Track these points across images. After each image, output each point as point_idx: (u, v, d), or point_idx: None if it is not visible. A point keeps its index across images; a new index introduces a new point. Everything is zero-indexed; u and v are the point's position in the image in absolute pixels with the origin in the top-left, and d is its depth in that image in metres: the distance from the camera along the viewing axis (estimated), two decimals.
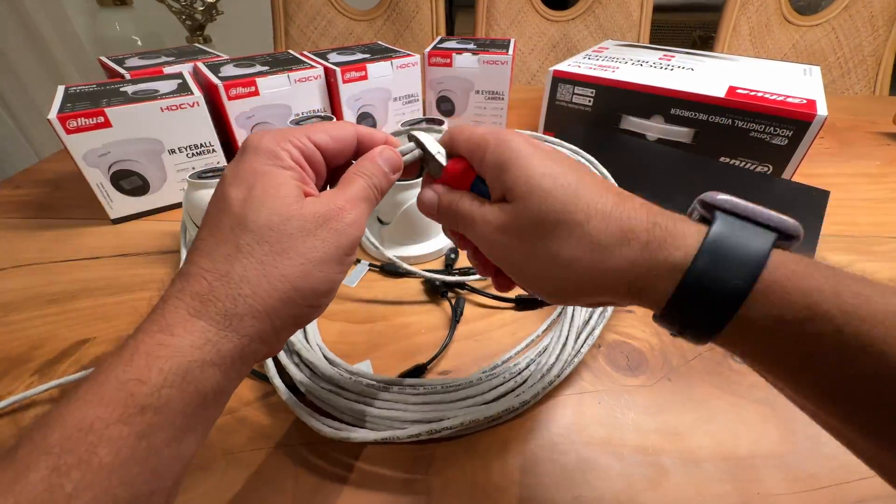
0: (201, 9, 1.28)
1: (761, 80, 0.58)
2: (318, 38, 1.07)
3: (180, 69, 0.58)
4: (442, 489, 0.25)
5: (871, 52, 0.97)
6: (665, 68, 0.64)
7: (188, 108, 0.48)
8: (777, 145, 0.51)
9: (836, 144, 0.67)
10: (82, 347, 0.34)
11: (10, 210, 0.52)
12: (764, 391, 0.30)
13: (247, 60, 0.61)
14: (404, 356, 0.33)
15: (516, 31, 1.06)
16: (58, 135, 0.43)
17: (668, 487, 0.25)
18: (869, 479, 0.25)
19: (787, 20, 0.99)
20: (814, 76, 0.61)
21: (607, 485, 0.25)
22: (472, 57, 0.65)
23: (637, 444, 0.27)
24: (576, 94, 0.63)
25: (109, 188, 0.47)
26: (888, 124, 0.73)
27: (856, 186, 0.56)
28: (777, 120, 0.50)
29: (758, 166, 0.53)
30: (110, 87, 0.50)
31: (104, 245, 0.46)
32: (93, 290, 0.40)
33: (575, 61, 0.68)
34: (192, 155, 0.50)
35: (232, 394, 0.17)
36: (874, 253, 0.43)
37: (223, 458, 0.27)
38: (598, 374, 0.32)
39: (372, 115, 0.65)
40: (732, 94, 0.53)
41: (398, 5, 1.05)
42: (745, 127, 0.52)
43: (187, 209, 0.41)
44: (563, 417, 0.29)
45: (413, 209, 0.40)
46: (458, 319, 0.36)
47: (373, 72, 0.61)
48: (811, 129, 0.49)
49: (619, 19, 1.03)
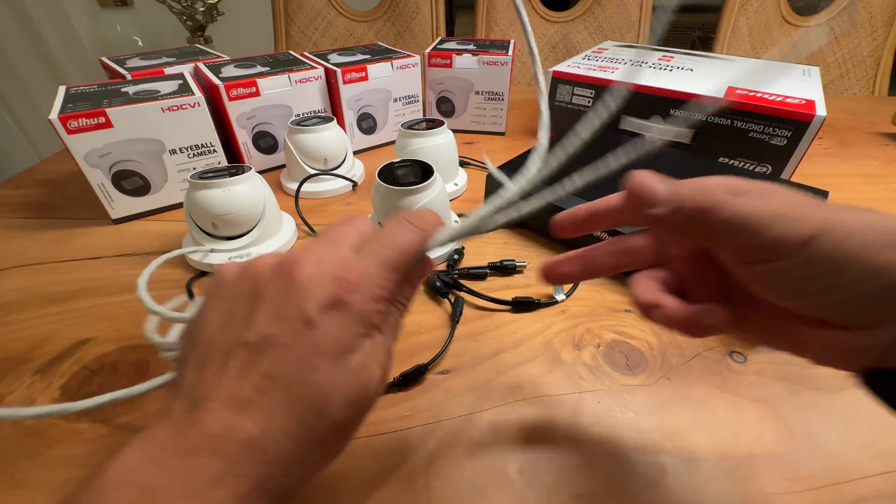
0: (202, 9, 1.28)
1: (761, 80, 0.58)
2: (319, 39, 1.07)
3: (181, 70, 0.58)
4: (442, 489, 0.25)
5: (870, 53, 0.97)
6: (664, 69, 0.64)
7: (189, 109, 0.48)
8: (776, 146, 0.51)
9: (835, 145, 0.67)
10: (83, 347, 0.34)
11: (12, 210, 0.52)
12: (763, 390, 0.30)
13: (247, 61, 0.61)
14: (404, 356, 0.33)
15: (516, 32, 1.06)
16: (59, 135, 0.43)
17: (668, 487, 0.25)
18: (868, 478, 0.25)
19: (786, 21, 0.99)
20: (813, 76, 0.62)
21: (607, 484, 0.25)
22: (472, 58, 0.66)
23: (636, 443, 0.27)
24: (575, 95, 0.63)
25: (110, 188, 0.47)
26: (887, 124, 0.73)
27: (854, 187, 0.56)
28: (776, 120, 0.50)
29: (757, 167, 0.53)
30: (111, 87, 0.50)
31: (105, 245, 0.46)
32: (94, 290, 0.40)
33: (574, 62, 0.68)
34: (193, 155, 0.50)
35: None
36: None
37: None
38: (597, 374, 0.32)
39: (372, 115, 0.65)
40: (731, 94, 0.53)
41: (398, 6, 1.05)
42: (744, 127, 0.52)
43: (188, 209, 0.41)
44: (562, 417, 0.29)
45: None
46: (457, 319, 0.36)
47: (373, 72, 0.62)
48: (810, 130, 0.49)
49: (619, 20, 1.03)
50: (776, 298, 0.16)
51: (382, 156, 0.66)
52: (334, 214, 0.51)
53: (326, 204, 0.53)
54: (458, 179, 0.56)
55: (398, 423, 0.29)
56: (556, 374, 0.32)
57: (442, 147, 0.51)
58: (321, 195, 0.54)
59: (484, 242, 0.46)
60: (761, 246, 0.15)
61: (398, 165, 0.42)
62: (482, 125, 0.71)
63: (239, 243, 0.42)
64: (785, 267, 0.15)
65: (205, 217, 0.40)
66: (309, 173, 0.53)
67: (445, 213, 0.43)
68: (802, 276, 0.15)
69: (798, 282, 0.15)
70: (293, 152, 0.53)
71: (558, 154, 0.21)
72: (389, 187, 0.39)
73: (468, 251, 0.44)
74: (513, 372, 0.32)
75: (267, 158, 0.60)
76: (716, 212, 0.16)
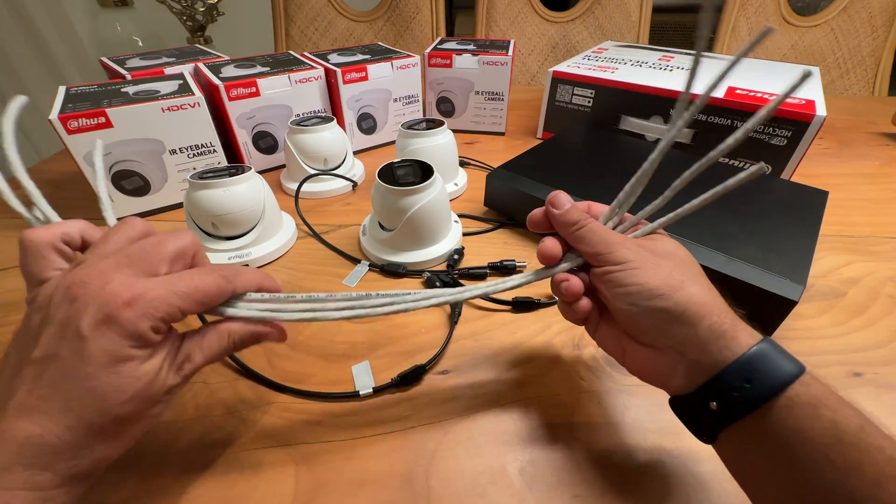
0: (202, 10, 1.28)
1: (760, 80, 0.58)
2: (319, 39, 1.07)
3: (181, 70, 0.58)
4: (442, 489, 0.25)
5: (870, 53, 0.97)
6: (664, 69, 0.64)
7: (189, 109, 0.48)
8: (776, 145, 0.51)
9: (835, 145, 0.67)
10: None
11: (12, 210, 0.52)
12: None
13: (247, 61, 0.61)
14: (404, 356, 0.33)
15: (516, 32, 1.06)
16: (59, 135, 0.43)
17: (668, 487, 0.25)
18: None
19: (786, 21, 0.99)
20: (813, 77, 0.62)
21: (607, 484, 0.25)
22: (472, 58, 0.66)
23: (637, 443, 0.27)
24: (575, 95, 0.63)
25: (111, 188, 0.47)
26: (887, 125, 0.73)
27: (854, 186, 0.56)
28: (776, 120, 0.50)
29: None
30: (111, 87, 0.50)
31: None
32: None
33: (574, 62, 0.68)
34: (192, 155, 0.50)
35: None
36: (873, 253, 0.43)
37: (223, 457, 0.27)
38: (597, 374, 0.32)
39: (372, 115, 0.65)
40: (731, 94, 0.53)
41: (398, 6, 1.05)
42: None
43: (188, 209, 0.41)
44: (562, 417, 0.29)
45: (416, 215, 0.39)
46: (456, 320, 0.36)
47: (373, 73, 0.62)
48: (810, 130, 0.49)
49: (619, 20, 1.03)
50: (605, 298, 0.24)
51: (382, 156, 0.66)
52: (334, 214, 0.51)
53: (326, 204, 0.53)
54: (458, 179, 0.56)
55: (398, 423, 0.29)
56: (556, 374, 0.32)
57: (442, 147, 0.51)
58: (321, 195, 0.54)
59: (484, 242, 0.46)
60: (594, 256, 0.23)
61: (398, 165, 0.42)
62: (482, 125, 0.71)
63: (239, 243, 0.42)
64: (602, 275, 0.23)
65: (205, 217, 0.40)
66: (309, 173, 0.53)
67: (445, 212, 0.43)
68: (611, 288, 0.23)
69: (609, 291, 0.23)
70: (293, 152, 0.53)
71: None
72: (389, 187, 0.39)
73: (468, 251, 0.44)
74: (513, 372, 0.32)
75: (267, 158, 0.60)
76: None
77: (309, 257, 0.44)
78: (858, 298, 0.38)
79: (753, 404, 0.18)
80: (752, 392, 0.18)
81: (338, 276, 0.41)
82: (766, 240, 0.36)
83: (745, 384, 0.19)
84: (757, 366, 0.19)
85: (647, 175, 0.23)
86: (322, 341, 0.34)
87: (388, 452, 0.27)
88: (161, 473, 0.26)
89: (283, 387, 0.31)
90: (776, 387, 0.18)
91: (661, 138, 0.22)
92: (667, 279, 0.21)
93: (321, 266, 0.43)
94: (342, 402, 0.30)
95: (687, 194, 0.23)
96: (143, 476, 0.26)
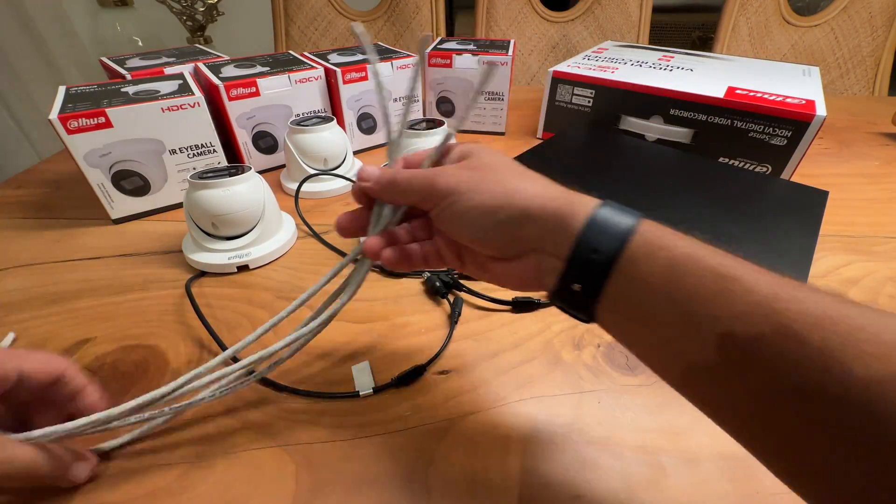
0: (202, 9, 1.28)
1: (760, 80, 0.59)
2: (319, 39, 1.07)
3: (181, 70, 0.58)
4: (441, 489, 0.25)
5: (870, 53, 0.97)
6: (664, 69, 0.64)
7: (189, 109, 0.48)
8: (776, 145, 0.51)
9: (835, 145, 0.67)
10: (83, 347, 0.34)
11: (12, 210, 0.52)
12: None
13: (247, 61, 0.61)
14: (403, 356, 0.33)
15: (516, 32, 1.06)
16: (59, 135, 0.43)
17: (668, 487, 0.25)
18: None
19: (786, 21, 0.99)
20: (813, 76, 0.62)
21: (607, 484, 0.25)
22: (472, 58, 0.66)
23: (636, 443, 0.27)
24: (575, 95, 0.63)
25: (110, 188, 0.47)
26: (887, 125, 0.73)
27: (854, 186, 0.56)
28: (776, 120, 0.50)
29: (757, 166, 0.53)
30: (111, 87, 0.50)
31: (105, 245, 0.46)
32: (94, 290, 0.40)
33: (574, 62, 0.68)
34: (192, 155, 0.50)
35: None
36: (873, 253, 0.43)
37: (223, 457, 0.27)
38: (597, 374, 0.32)
39: (372, 115, 0.65)
40: (731, 94, 0.53)
41: (398, 6, 1.05)
42: (744, 127, 0.52)
43: (188, 209, 0.41)
44: (562, 417, 0.29)
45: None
46: (456, 320, 0.36)
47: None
48: (810, 130, 0.49)
49: (619, 20, 1.03)
50: (456, 236, 0.23)
51: (382, 156, 0.66)
52: (334, 214, 0.51)
53: (326, 204, 0.53)
54: None
55: (398, 423, 0.29)
56: (556, 374, 0.32)
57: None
58: (321, 195, 0.54)
59: None
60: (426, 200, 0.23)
61: None
62: (482, 125, 0.71)
63: (239, 243, 0.42)
64: (438, 215, 0.23)
65: (205, 217, 0.41)
66: (309, 173, 0.53)
67: None
68: (451, 223, 0.22)
69: (451, 227, 0.23)
70: (293, 152, 0.53)
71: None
72: None
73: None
74: (513, 372, 0.32)
75: (267, 158, 0.60)
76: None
77: (309, 257, 0.44)
78: (858, 299, 0.38)
79: (604, 272, 0.18)
80: (600, 259, 0.18)
81: (338, 276, 0.41)
82: (765, 240, 0.36)
83: (593, 255, 0.18)
84: (596, 233, 0.18)
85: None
86: (322, 341, 0.34)
87: (388, 452, 0.27)
88: (161, 473, 0.26)
89: (284, 387, 0.31)
90: (616, 246, 0.18)
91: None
92: (501, 189, 0.21)
93: (321, 266, 0.43)
94: (342, 402, 0.30)
95: (687, 194, 0.23)
96: (142, 476, 0.26)
